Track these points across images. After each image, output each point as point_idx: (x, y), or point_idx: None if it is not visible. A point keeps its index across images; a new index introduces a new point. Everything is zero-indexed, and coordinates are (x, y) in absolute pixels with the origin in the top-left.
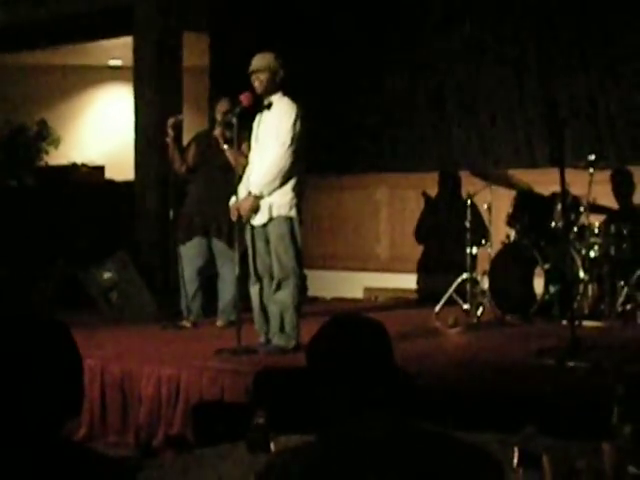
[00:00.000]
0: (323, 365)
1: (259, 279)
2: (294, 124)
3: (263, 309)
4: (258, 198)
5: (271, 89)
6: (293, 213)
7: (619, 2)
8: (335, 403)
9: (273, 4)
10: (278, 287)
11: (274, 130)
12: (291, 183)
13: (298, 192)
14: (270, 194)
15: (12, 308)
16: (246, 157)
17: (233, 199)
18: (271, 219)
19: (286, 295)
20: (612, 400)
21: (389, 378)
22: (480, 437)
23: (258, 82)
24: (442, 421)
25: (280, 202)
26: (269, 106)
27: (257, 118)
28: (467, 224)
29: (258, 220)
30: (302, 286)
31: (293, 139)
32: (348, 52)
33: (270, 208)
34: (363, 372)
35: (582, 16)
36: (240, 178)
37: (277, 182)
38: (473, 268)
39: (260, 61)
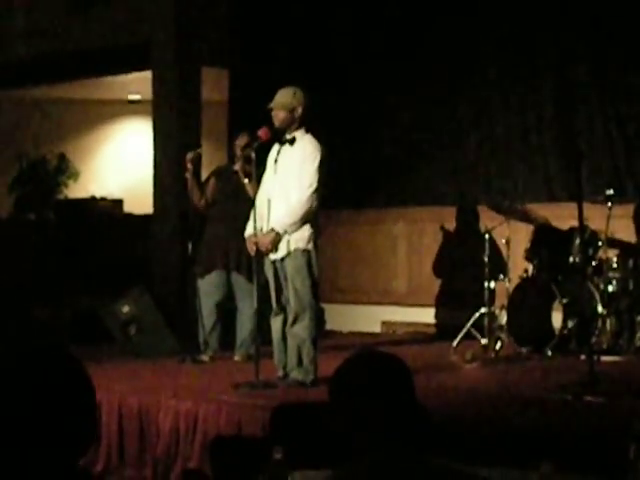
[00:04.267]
0: (345, 401)
1: (281, 311)
2: (319, 166)
3: (283, 342)
4: (279, 235)
5: (289, 125)
6: (311, 247)
7: (638, 35)
8: (355, 438)
9: (292, 39)
10: (294, 321)
11: (297, 168)
12: (310, 219)
13: (316, 227)
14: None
15: (30, 340)
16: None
17: (248, 232)
18: (289, 253)
19: (302, 328)
20: (629, 436)
21: (410, 415)
22: (497, 473)
23: (276, 119)
24: (459, 456)
25: (298, 236)
26: (292, 141)
27: (275, 149)
28: (485, 258)
29: (277, 255)
30: (319, 320)
31: (319, 181)
32: (367, 87)
33: (288, 242)
34: (385, 409)
35: (600, 50)
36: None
37: (302, 222)
38: (491, 302)
39: (278, 98)
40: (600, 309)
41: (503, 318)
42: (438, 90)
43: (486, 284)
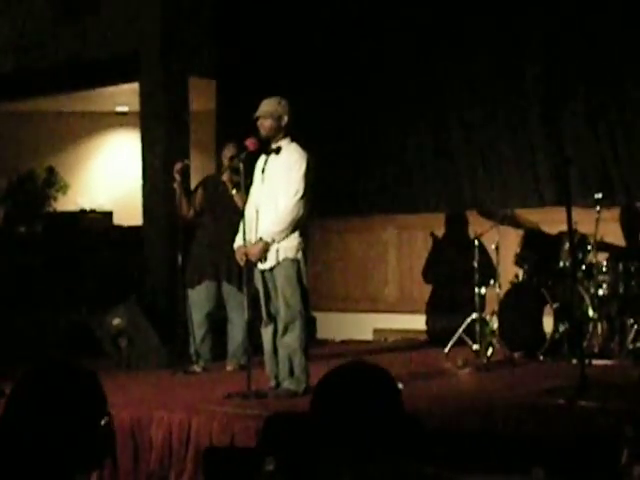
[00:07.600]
0: (326, 413)
1: (271, 321)
2: (305, 173)
3: (275, 352)
4: (268, 244)
5: (275, 134)
6: (300, 256)
7: (627, 42)
8: (340, 451)
9: (279, 49)
10: (285, 331)
11: (284, 177)
12: (298, 228)
13: (304, 236)
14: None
15: (27, 354)
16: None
17: (238, 242)
18: (278, 263)
19: (293, 338)
20: (621, 441)
21: (396, 426)
22: (489, 479)
23: (262, 128)
24: (452, 463)
25: (287, 246)
26: (277, 150)
27: (262, 159)
28: (475, 264)
29: (266, 265)
30: (310, 328)
31: (305, 188)
32: (354, 94)
33: (277, 252)
34: (367, 420)
35: (589, 55)
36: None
37: (289, 230)
38: (482, 308)
39: (264, 107)
40: (591, 313)
41: (494, 324)
42: (426, 97)
43: (477, 290)
